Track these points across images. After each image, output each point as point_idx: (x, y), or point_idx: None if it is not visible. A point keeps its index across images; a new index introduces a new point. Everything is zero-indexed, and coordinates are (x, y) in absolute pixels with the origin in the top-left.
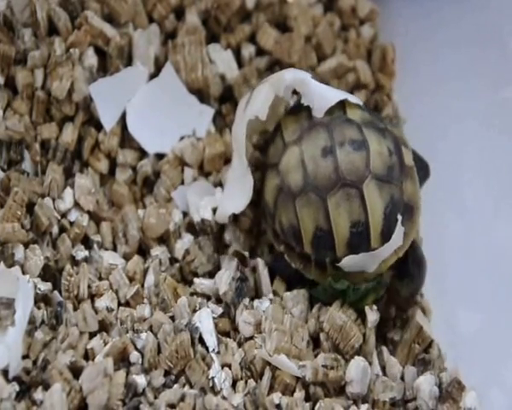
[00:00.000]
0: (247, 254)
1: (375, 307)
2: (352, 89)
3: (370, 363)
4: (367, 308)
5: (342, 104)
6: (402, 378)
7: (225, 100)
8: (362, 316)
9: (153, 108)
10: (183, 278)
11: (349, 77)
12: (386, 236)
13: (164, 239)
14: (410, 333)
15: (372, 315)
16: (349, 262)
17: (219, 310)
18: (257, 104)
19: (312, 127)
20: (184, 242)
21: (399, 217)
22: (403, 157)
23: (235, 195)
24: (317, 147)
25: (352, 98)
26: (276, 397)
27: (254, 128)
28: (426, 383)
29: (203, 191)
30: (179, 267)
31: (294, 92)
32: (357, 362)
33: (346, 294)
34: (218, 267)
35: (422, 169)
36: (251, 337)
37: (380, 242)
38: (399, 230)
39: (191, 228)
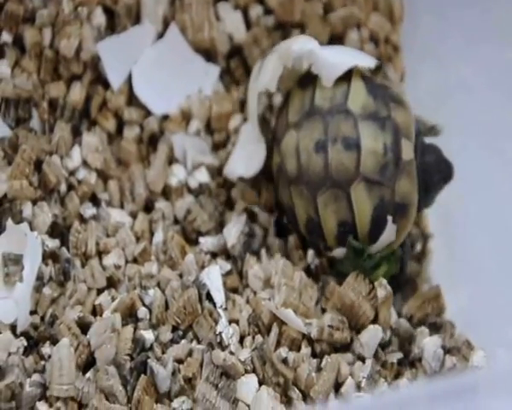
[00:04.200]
0: (257, 209)
1: (384, 281)
2: (362, 42)
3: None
4: (377, 283)
5: (347, 84)
6: (411, 340)
7: (233, 58)
8: (376, 282)
9: (158, 69)
10: (187, 238)
11: (359, 29)
12: (373, 236)
13: (166, 194)
14: (427, 292)
15: (381, 291)
16: (340, 253)
17: (227, 266)
18: (266, 77)
19: (311, 115)
20: (185, 201)
21: (389, 218)
22: (400, 152)
23: (246, 158)
24: (312, 139)
25: (363, 60)
26: (284, 352)
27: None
28: (431, 344)
29: (202, 149)
30: (182, 228)
31: None
32: (369, 329)
33: (362, 257)
34: (220, 224)
35: (444, 171)
36: (259, 292)
37: (367, 241)
38: (390, 228)
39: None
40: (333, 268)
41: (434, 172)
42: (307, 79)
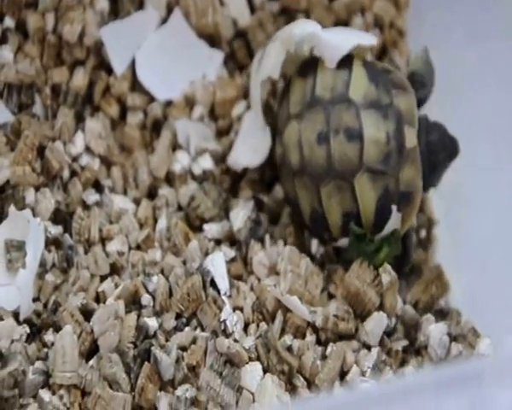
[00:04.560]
0: (265, 199)
1: (389, 267)
2: (366, 27)
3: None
4: (381, 269)
5: (349, 71)
6: (416, 327)
7: (237, 43)
8: (381, 268)
9: (162, 55)
10: (191, 225)
11: (363, 15)
12: (378, 226)
13: (170, 180)
14: (428, 273)
15: (386, 277)
16: (345, 243)
17: (232, 253)
18: (269, 64)
19: (313, 105)
20: (189, 188)
21: (394, 207)
22: (404, 139)
23: (251, 147)
24: (314, 131)
25: (364, 38)
26: (288, 339)
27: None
28: (436, 331)
29: (206, 135)
30: (185, 214)
31: None
32: (374, 317)
33: (363, 242)
34: (224, 211)
35: (449, 148)
36: (264, 279)
37: (373, 231)
38: (395, 217)
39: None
40: (338, 257)
41: (440, 150)
42: (307, 67)
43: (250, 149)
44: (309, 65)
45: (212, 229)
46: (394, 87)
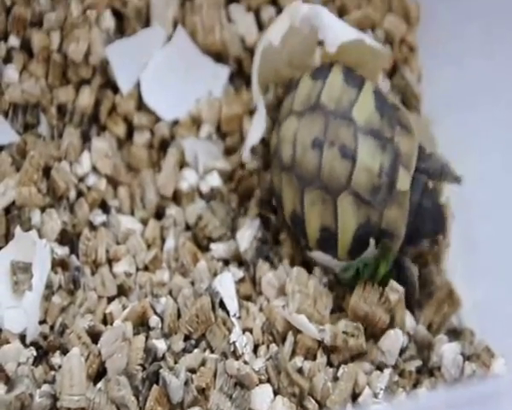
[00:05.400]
0: (272, 216)
1: (395, 284)
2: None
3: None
4: (387, 289)
5: (357, 92)
6: (429, 346)
7: (245, 58)
8: (386, 287)
9: (167, 75)
10: (198, 244)
11: (374, 30)
12: (353, 254)
13: (177, 199)
14: (439, 292)
15: (394, 295)
16: (318, 257)
17: (240, 273)
18: (272, 30)
19: (315, 109)
20: (196, 206)
21: (372, 241)
22: (396, 179)
23: (252, 129)
24: (311, 134)
25: (370, 40)
26: (299, 361)
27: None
28: (450, 351)
29: (214, 153)
30: (193, 234)
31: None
32: (389, 335)
33: (360, 274)
34: (232, 230)
35: (437, 222)
36: (273, 300)
37: (346, 257)
38: (371, 250)
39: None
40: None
41: (428, 219)
42: (320, 71)
43: (252, 128)
44: (322, 70)
45: (219, 249)
46: (399, 125)
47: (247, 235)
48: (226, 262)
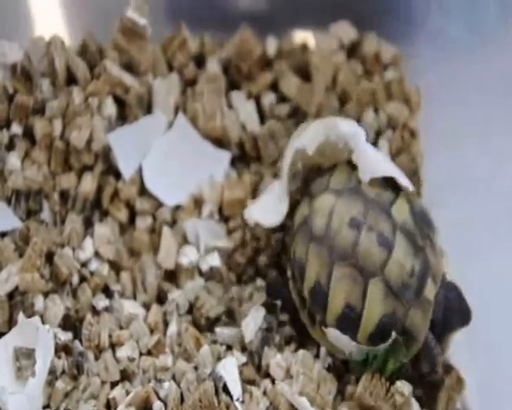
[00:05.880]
0: (279, 303)
1: (401, 387)
2: (379, 130)
3: None
4: (393, 389)
5: (395, 196)
6: None
7: (247, 143)
8: (393, 386)
9: (168, 160)
10: (199, 325)
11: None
12: (373, 341)
13: (177, 280)
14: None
15: (399, 397)
16: (333, 335)
17: (243, 359)
18: (306, 138)
19: (355, 193)
20: (195, 284)
21: (394, 334)
22: (424, 286)
23: (267, 209)
24: (349, 213)
25: (403, 179)
26: None
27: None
28: None
29: (216, 232)
30: (193, 317)
31: None
32: None
33: (367, 362)
34: (229, 309)
35: (463, 312)
36: (279, 382)
37: (366, 342)
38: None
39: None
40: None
41: (455, 311)
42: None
43: (267, 209)
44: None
45: (223, 333)
46: (429, 240)
47: (252, 326)
48: (229, 347)
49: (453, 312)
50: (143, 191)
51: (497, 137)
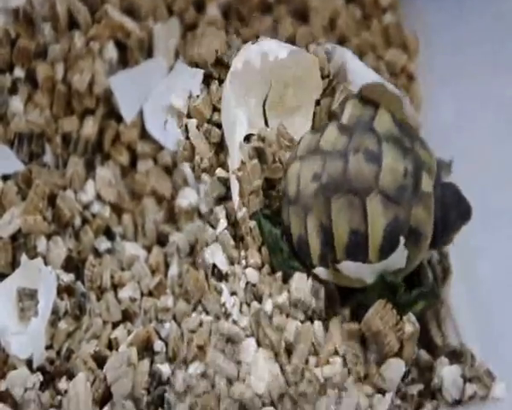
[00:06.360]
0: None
1: (413, 317)
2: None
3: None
4: (405, 318)
5: (374, 110)
6: (431, 369)
7: None
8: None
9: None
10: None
11: (372, 58)
12: (384, 253)
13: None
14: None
15: (409, 327)
16: (346, 267)
17: None
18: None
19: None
20: (195, 225)
21: (402, 239)
22: (420, 181)
23: None
24: (335, 149)
25: (392, 87)
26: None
27: None
28: (450, 373)
29: None
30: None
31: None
32: (392, 365)
33: (398, 293)
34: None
35: (463, 210)
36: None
37: (377, 257)
38: (401, 251)
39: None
40: (348, 299)
41: (453, 210)
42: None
43: None
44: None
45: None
46: (417, 139)
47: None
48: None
49: (452, 208)
50: (144, 135)
51: (493, 78)
